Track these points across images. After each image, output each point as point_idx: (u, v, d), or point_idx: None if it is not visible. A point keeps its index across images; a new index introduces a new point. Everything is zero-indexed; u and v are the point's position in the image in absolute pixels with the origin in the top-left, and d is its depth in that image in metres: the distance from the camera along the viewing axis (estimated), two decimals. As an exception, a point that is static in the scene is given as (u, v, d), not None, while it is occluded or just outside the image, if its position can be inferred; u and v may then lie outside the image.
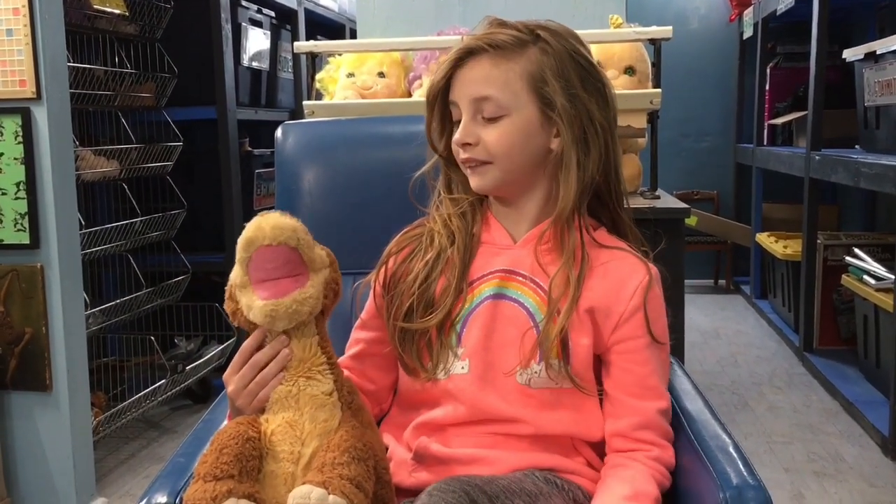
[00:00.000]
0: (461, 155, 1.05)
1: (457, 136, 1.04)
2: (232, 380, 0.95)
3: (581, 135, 1.03)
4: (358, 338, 1.13)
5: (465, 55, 1.04)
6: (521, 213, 1.09)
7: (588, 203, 1.06)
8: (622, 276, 1.04)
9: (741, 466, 0.94)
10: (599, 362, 1.06)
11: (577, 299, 1.02)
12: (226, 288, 0.95)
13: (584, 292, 1.03)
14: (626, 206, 1.10)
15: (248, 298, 0.92)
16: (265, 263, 0.90)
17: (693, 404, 1.11)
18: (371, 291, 1.12)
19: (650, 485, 0.97)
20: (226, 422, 1.00)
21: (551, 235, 1.05)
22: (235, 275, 0.93)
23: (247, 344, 0.95)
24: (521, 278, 1.06)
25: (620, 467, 1.00)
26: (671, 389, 1.15)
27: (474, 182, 1.07)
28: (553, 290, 1.02)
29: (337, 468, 0.85)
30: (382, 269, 1.10)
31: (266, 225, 0.90)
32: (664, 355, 1.06)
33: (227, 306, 0.95)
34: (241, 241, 0.91)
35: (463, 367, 1.04)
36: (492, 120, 1.03)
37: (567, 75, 1.03)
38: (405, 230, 1.14)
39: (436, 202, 1.13)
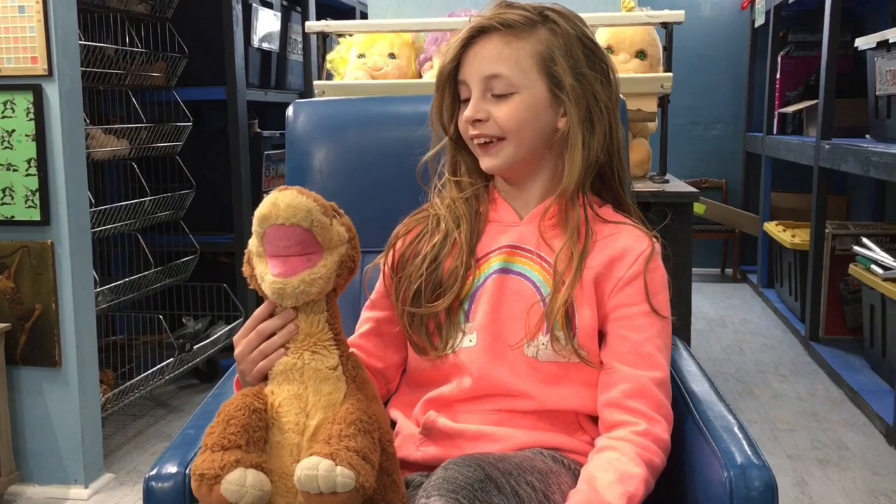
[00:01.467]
0: (471, 132, 1.06)
1: (467, 112, 1.05)
2: (240, 342, 0.97)
3: (587, 115, 1.05)
4: (367, 317, 1.15)
5: (476, 34, 1.05)
6: (527, 191, 1.10)
7: (593, 183, 1.08)
8: (625, 245, 1.05)
9: (746, 446, 0.94)
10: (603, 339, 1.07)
11: (580, 272, 1.03)
12: (245, 251, 0.96)
13: (588, 264, 1.04)
14: (628, 186, 1.12)
15: (261, 268, 0.92)
16: (277, 241, 0.90)
17: (699, 386, 1.11)
18: (380, 272, 1.13)
19: (637, 465, 0.94)
20: (234, 388, 1.01)
21: (555, 211, 1.07)
22: (252, 242, 0.93)
23: (258, 311, 0.96)
24: (526, 253, 1.07)
25: (605, 450, 0.98)
26: (677, 371, 1.16)
27: (486, 162, 1.07)
28: (558, 263, 1.04)
29: (343, 440, 0.86)
30: (391, 251, 1.11)
31: (281, 202, 0.89)
32: (664, 328, 1.05)
33: (245, 270, 0.95)
34: (256, 214, 0.91)
35: (471, 341, 1.05)
36: (501, 98, 1.04)
37: (575, 56, 1.05)
38: (412, 213, 1.15)
39: (437, 186, 1.14)
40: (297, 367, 0.92)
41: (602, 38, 2.03)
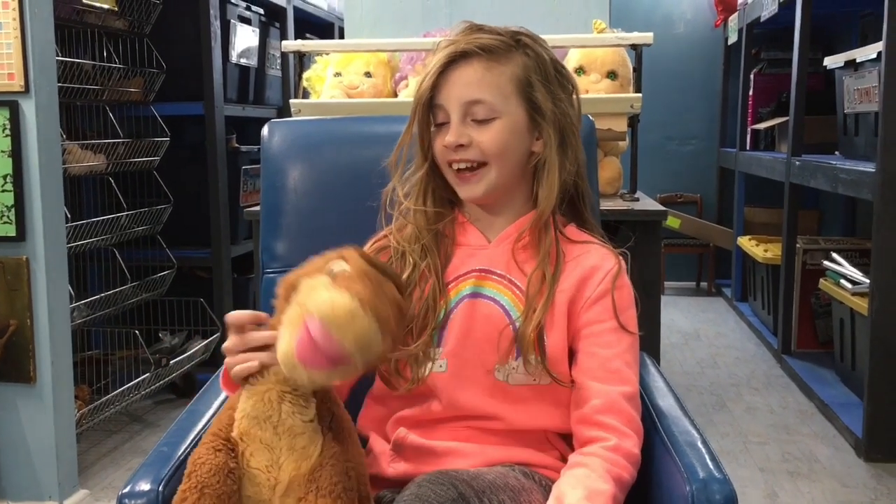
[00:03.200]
0: (451, 157, 1.06)
1: (449, 137, 1.05)
2: (231, 336, 0.94)
3: (561, 137, 1.07)
4: None
5: (455, 59, 1.05)
6: (497, 215, 1.11)
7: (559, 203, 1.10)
8: (593, 264, 1.08)
9: (708, 461, 0.97)
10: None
11: (552, 296, 1.05)
12: (294, 275, 0.88)
13: (559, 287, 1.05)
14: (594, 205, 1.14)
15: (288, 331, 0.84)
16: (318, 345, 0.82)
17: (664, 401, 1.14)
18: None
19: (605, 482, 0.95)
20: (221, 384, 1.01)
21: (529, 234, 1.08)
22: (294, 302, 0.85)
23: (244, 316, 0.93)
24: (496, 277, 1.08)
25: (575, 466, 0.98)
26: (644, 386, 1.18)
27: (467, 192, 1.07)
28: (530, 287, 1.05)
29: None
30: None
31: (356, 326, 0.81)
32: (633, 344, 1.07)
33: (281, 292, 0.88)
34: (318, 309, 0.82)
35: (441, 366, 1.06)
36: (483, 123, 1.05)
37: (550, 79, 1.07)
38: (373, 240, 1.15)
39: (397, 215, 1.12)
40: (272, 420, 0.88)
41: (574, 58, 2.07)
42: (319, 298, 0.82)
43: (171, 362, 2.72)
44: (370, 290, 0.84)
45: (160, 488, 0.95)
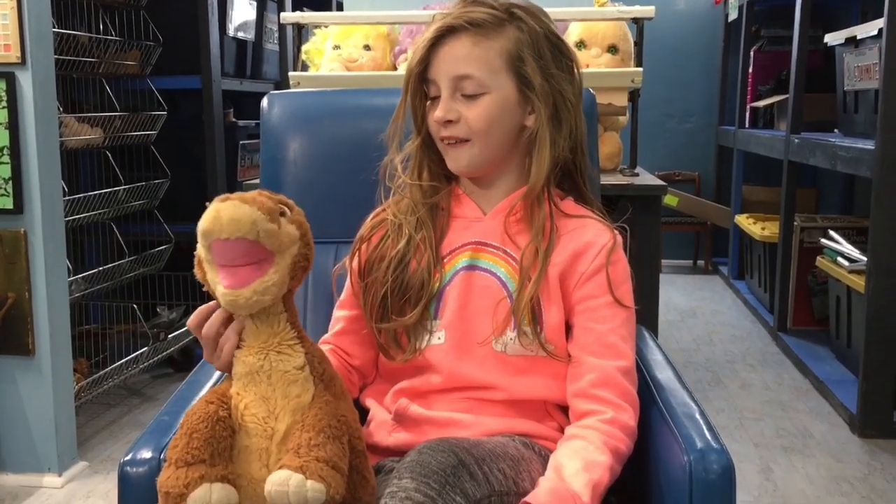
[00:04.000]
0: (442, 132, 1.06)
1: (438, 112, 1.05)
2: (203, 344, 0.96)
3: (554, 112, 1.06)
4: (339, 316, 1.15)
5: (444, 33, 1.04)
6: (492, 188, 1.12)
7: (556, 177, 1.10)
8: (588, 239, 1.08)
9: (706, 431, 0.97)
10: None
11: (545, 268, 1.05)
12: (195, 254, 0.92)
13: (553, 261, 1.06)
14: (592, 180, 1.14)
15: (212, 276, 0.89)
16: (224, 254, 0.87)
17: (663, 374, 1.14)
18: (348, 273, 1.13)
19: (602, 453, 0.97)
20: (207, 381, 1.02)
21: (521, 208, 1.08)
22: (200, 249, 0.89)
23: (217, 315, 0.94)
24: (492, 249, 1.09)
25: (573, 438, 1.00)
26: (643, 359, 1.19)
27: (451, 163, 1.08)
28: (524, 260, 1.06)
29: (313, 450, 0.85)
30: (356, 254, 1.12)
31: (224, 215, 0.85)
32: (629, 318, 1.08)
33: (197, 274, 0.92)
34: (198, 228, 0.87)
35: (439, 338, 1.07)
36: (472, 98, 1.05)
37: (543, 54, 1.06)
38: (374, 213, 1.16)
39: (395, 189, 1.13)
40: (263, 369, 0.90)
41: (574, 32, 2.06)
42: (201, 223, 0.86)
43: (169, 336, 2.73)
44: (238, 197, 0.88)
45: (161, 456, 0.96)
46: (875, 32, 2.46)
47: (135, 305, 2.66)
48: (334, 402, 0.92)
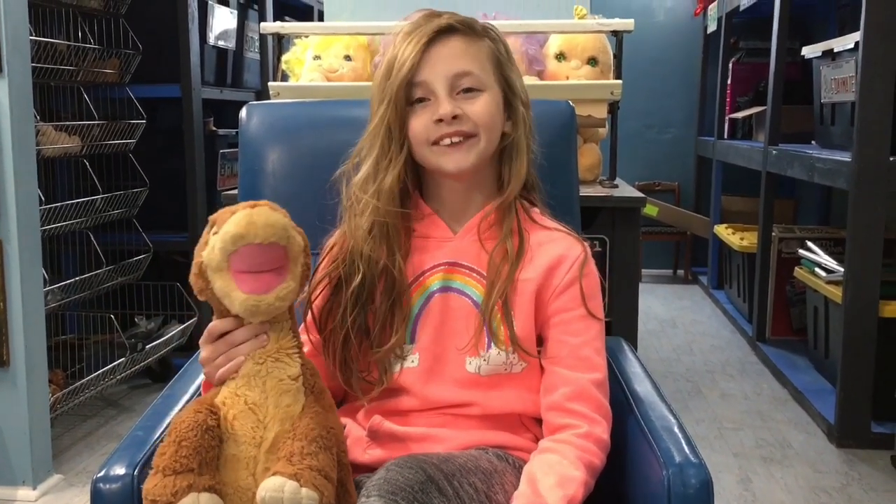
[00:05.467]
0: (444, 130, 1.02)
1: (443, 109, 1.02)
2: (205, 347, 0.95)
3: (529, 120, 1.08)
4: (304, 340, 1.10)
5: (435, 35, 1.04)
6: (466, 202, 1.10)
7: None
8: (559, 252, 1.08)
9: (684, 445, 0.98)
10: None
11: (515, 271, 1.05)
12: (194, 262, 0.91)
13: (524, 270, 1.06)
14: (539, 189, 1.14)
15: (224, 283, 0.89)
16: (252, 259, 0.88)
17: (641, 386, 1.14)
18: (304, 317, 1.09)
19: (577, 469, 0.97)
20: (203, 390, 1.01)
21: (494, 219, 1.08)
22: (211, 257, 0.89)
23: (218, 326, 0.94)
24: (464, 269, 1.08)
25: (547, 452, 1.00)
26: (621, 371, 1.19)
27: (456, 160, 1.03)
28: (491, 261, 1.06)
29: (306, 458, 0.85)
30: (310, 306, 1.08)
31: (259, 221, 0.87)
32: (601, 330, 1.08)
33: (195, 283, 0.91)
34: (229, 234, 0.87)
35: (413, 362, 1.06)
36: (471, 96, 1.04)
37: (513, 63, 1.09)
38: (328, 246, 1.11)
39: (358, 210, 1.06)
40: (259, 374, 0.91)
41: (555, 44, 2.07)
42: (230, 227, 0.88)
43: (147, 347, 2.71)
44: (267, 204, 0.91)
45: (135, 472, 0.95)
46: (851, 46, 2.49)
47: (112, 316, 2.63)
48: (324, 414, 0.93)
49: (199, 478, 0.85)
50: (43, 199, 2.21)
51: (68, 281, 2.47)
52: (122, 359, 2.58)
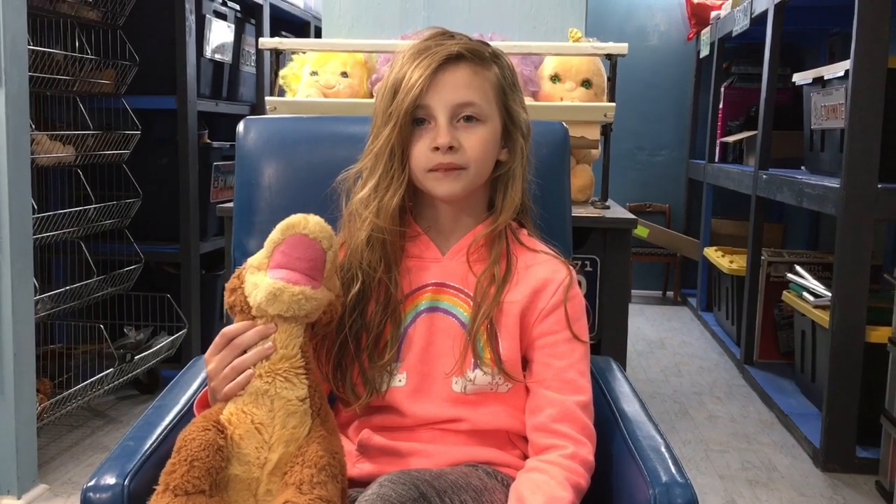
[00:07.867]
0: (439, 160, 1.03)
1: (441, 139, 1.03)
2: (212, 359, 0.96)
3: (527, 151, 1.10)
4: None
5: (445, 61, 1.04)
6: (455, 224, 1.11)
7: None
8: (545, 276, 1.09)
9: (671, 465, 0.98)
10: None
11: (500, 294, 1.06)
12: (237, 268, 0.97)
13: (510, 292, 1.07)
14: (531, 213, 1.16)
15: (257, 279, 0.93)
16: (294, 251, 0.92)
17: (630, 406, 1.15)
18: None
19: (564, 490, 0.97)
20: (195, 408, 1.01)
21: (484, 243, 1.09)
22: (256, 258, 0.95)
23: (232, 328, 0.95)
24: (451, 290, 1.09)
25: (534, 471, 1.01)
26: (610, 391, 1.20)
27: (446, 187, 1.05)
28: (479, 285, 1.07)
29: (316, 488, 0.86)
30: None
31: (311, 218, 0.94)
32: (585, 353, 1.09)
33: (230, 283, 0.96)
34: (282, 223, 0.93)
35: (400, 381, 1.07)
36: (470, 126, 1.05)
37: (517, 90, 1.10)
38: None
39: (357, 226, 1.08)
40: (268, 393, 0.91)
41: (549, 66, 2.09)
42: (285, 220, 0.95)
43: (136, 358, 2.70)
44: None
45: (126, 482, 0.95)
46: (841, 73, 2.52)
47: (101, 326, 2.62)
48: (329, 438, 0.93)
49: (209, 500, 0.85)
50: (36, 207, 2.21)
51: (59, 290, 2.46)
52: (111, 369, 2.58)
